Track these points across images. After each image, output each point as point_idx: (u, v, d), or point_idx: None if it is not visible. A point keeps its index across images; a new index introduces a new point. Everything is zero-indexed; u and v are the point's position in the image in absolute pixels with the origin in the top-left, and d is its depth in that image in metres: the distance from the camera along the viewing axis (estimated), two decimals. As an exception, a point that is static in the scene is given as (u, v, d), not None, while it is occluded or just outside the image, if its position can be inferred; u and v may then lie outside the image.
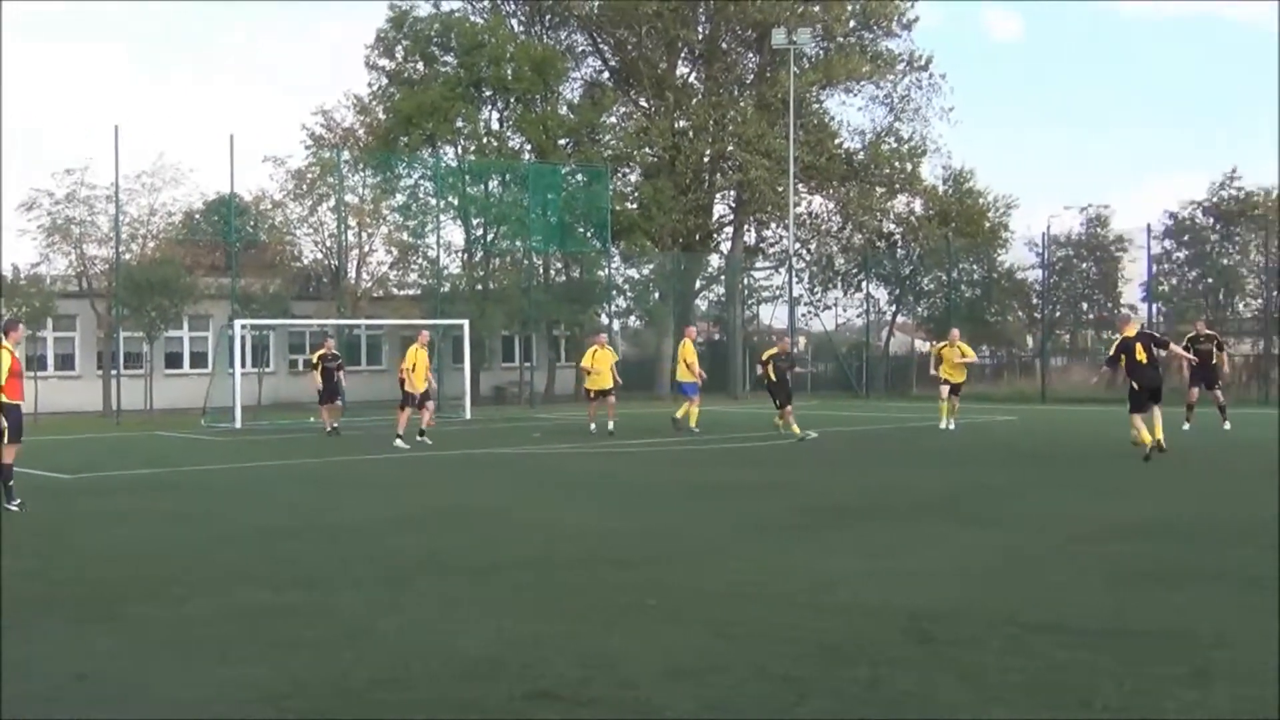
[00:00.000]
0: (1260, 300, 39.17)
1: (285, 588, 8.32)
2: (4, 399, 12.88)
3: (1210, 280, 40.23)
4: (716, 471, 17.06)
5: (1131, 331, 17.94)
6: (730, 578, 8.47)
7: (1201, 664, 5.93)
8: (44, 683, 6.00)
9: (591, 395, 24.71)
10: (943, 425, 24.38)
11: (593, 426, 24.24)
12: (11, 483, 12.87)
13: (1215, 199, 41.06)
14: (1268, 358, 35.85)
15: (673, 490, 14.59)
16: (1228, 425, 22.63)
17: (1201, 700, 5.39)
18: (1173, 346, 20.23)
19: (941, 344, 25.78)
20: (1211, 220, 40.83)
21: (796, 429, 22.05)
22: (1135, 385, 17.37)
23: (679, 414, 24.62)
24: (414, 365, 22.21)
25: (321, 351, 26.96)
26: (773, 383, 22.69)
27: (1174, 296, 40.73)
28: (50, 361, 38.56)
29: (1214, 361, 23.00)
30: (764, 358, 23.32)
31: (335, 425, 25.65)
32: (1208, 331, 23.75)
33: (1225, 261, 40.24)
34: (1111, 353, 18.44)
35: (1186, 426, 22.05)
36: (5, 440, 12.90)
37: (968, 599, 7.63)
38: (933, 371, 25.87)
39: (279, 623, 7.21)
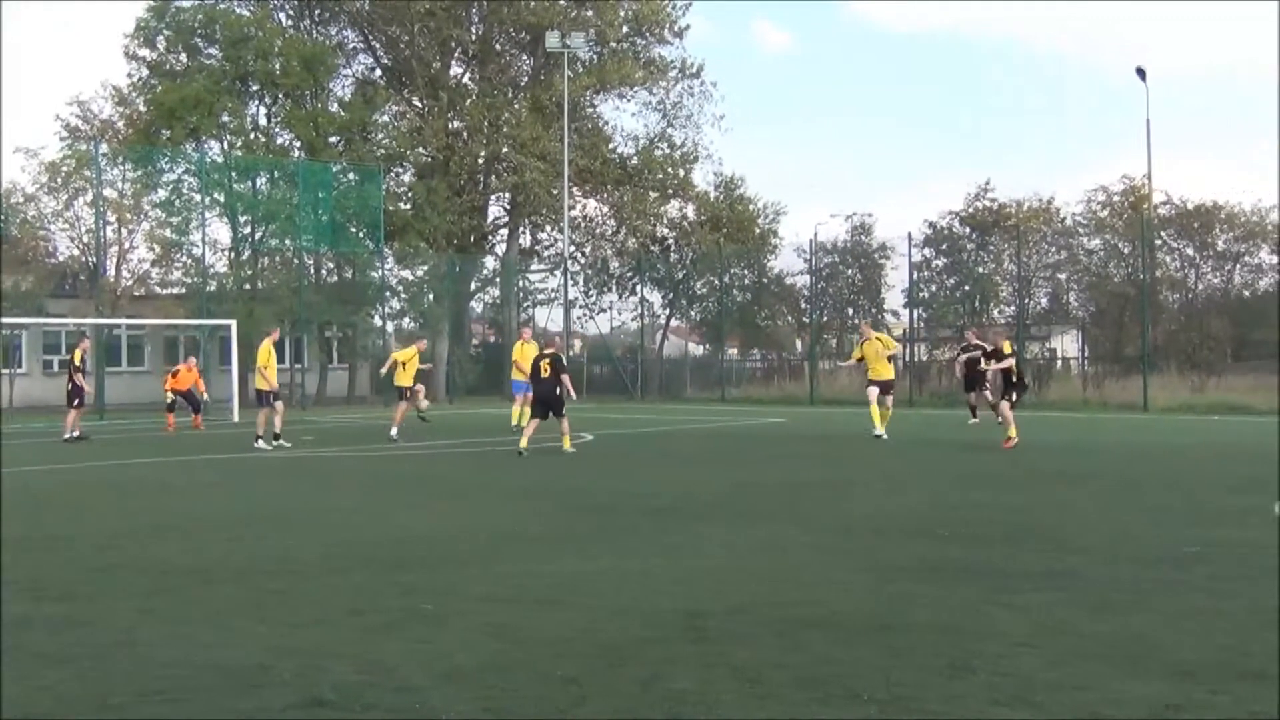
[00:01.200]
0: (1013, 307, 41.12)
1: (45, 600, 7.94)
2: None
3: (967, 287, 42.06)
4: (496, 473, 17.01)
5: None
6: (508, 580, 8.45)
7: (962, 657, 6.18)
8: None
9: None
10: (876, 432, 21.43)
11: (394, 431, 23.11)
12: None
13: (970, 209, 42.98)
14: (1020, 361, 37.54)
15: (445, 493, 14.48)
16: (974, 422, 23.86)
17: (962, 692, 5.62)
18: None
19: (862, 340, 22.70)
20: (968, 230, 42.69)
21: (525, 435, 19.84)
22: None
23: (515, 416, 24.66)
24: (267, 363, 21.86)
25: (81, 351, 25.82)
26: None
27: (933, 303, 42.41)
28: None
29: (980, 367, 24.13)
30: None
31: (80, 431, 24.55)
32: (977, 341, 25.04)
33: (980, 270, 42.11)
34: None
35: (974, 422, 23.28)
36: None
37: (741, 597, 7.78)
38: (846, 363, 23.31)
39: (37, 637, 6.87)
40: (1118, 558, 9.18)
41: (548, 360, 19.44)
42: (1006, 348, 20.69)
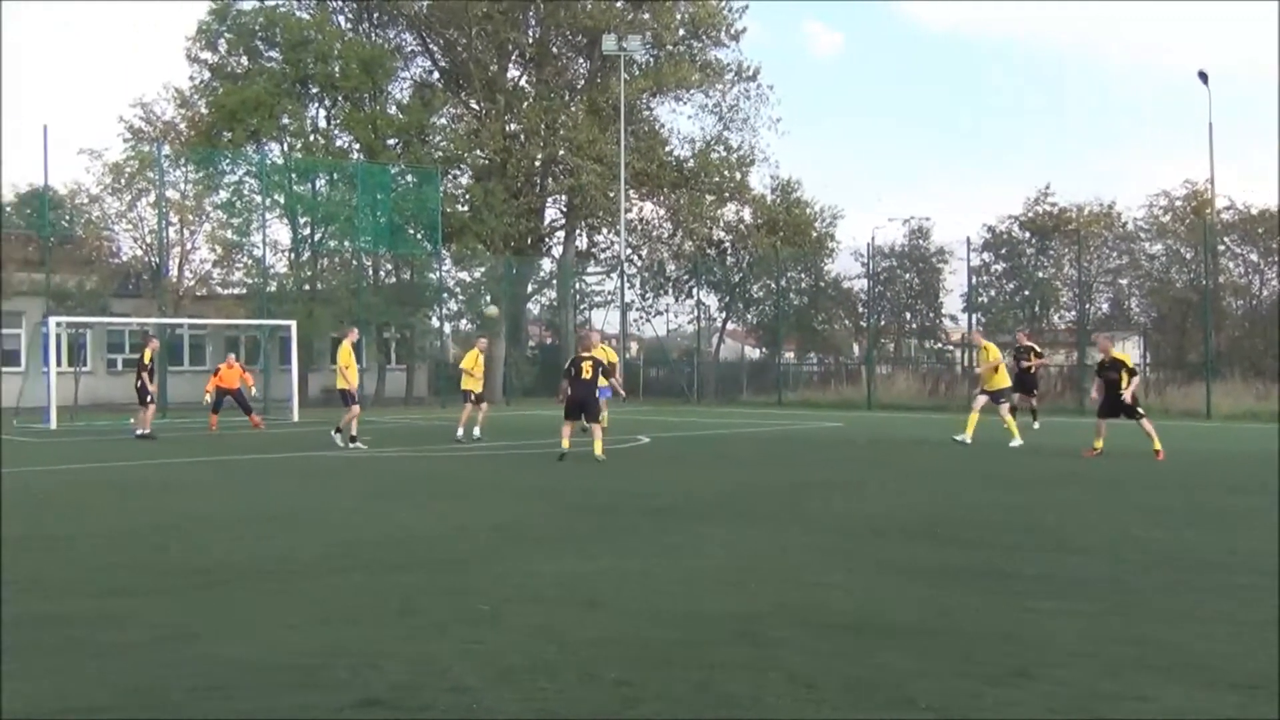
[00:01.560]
0: (1073, 312, 40.72)
1: (100, 596, 8.03)
2: None
3: (1027, 292, 41.71)
4: (545, 475, 17.02)
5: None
6: (555, 581, 8.45)
7: (1018, 664, 6.11)
8: None
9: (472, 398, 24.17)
10: (959, 437, 21.30)
11: (459, 432, 23.66)
12: None
13: (1030, 214, 42.61)
14: (1080, 368, 37.22)
15: (498, 493, 14.51)
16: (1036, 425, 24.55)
17: (1019, 699, 5.55)
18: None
19: (984, 347, 22.26)
20: (1027, 234, 42.33)
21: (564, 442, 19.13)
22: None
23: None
24: (348, 363, 21.84)
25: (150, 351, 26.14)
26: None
27: (992, 307, 42.09)
28: None
29: (1024, 365, 25.08)
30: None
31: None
32: (1027, 343, 25.84)
33: (1040, 275, 41.73)
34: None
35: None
36: None
37: (791, 600, 7.73)
38: (982, 368, 22.33)
39: (95, 632, 6.95)
40: (1174, 565, 9.05)
41: (589, 362, 19.10)
42: (1125, 360, 19.73)
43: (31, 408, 29.64)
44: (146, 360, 25.50)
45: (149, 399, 25.01)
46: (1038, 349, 26.47)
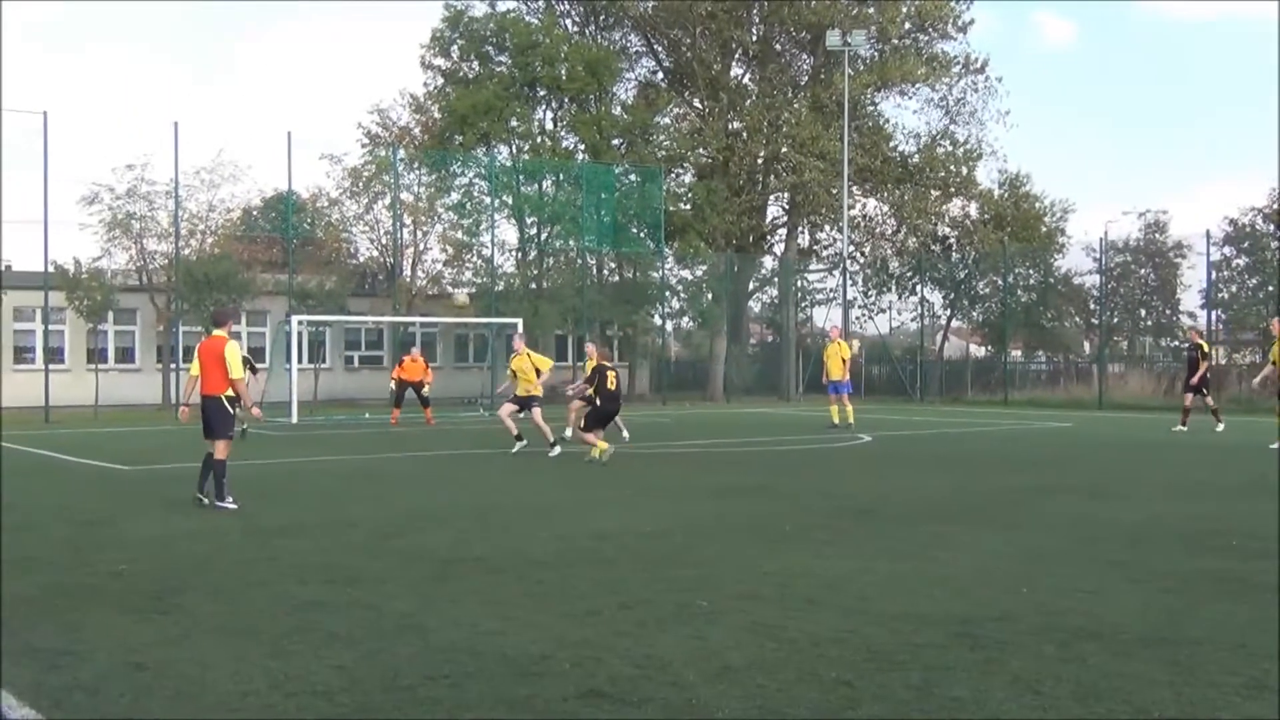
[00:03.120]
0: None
1: (337, 583, 8.39)
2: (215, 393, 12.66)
3: (1271, 287, 39.73)
4: (764, 473, 17.01)
5: None
6: (770, 579, 8.44)
7: (1258, 675, 5.85)
8: (96, 671, 6.07)
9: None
10: (1275, 445, 19.62)
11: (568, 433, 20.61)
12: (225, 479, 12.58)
13: (1275, 205, 40.53)
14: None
15: (716, 491, 14.54)
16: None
17: (1259, 713, 5.32)
18: None
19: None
20: (1272, 227, 40.30)
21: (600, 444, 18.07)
22: None
23: (835, 417, 25.24)
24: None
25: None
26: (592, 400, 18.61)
27: (1234, 304, 40.24)
28: (110, 354, 39.12)
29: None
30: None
31: None
32: (1198, 340, 25.33)
33: (1286, 268, 39.74)
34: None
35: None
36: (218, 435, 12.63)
37: (1009, 604, 7.57)
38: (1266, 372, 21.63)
39: (330, 618, 7.26)
40: None
41: (614, 372, 18.55)
42: None
43: (275, 402, 31.03)
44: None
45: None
46: (1205, 347, 25.54)
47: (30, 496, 14.19)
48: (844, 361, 25.58)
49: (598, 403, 18.30)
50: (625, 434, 21.27)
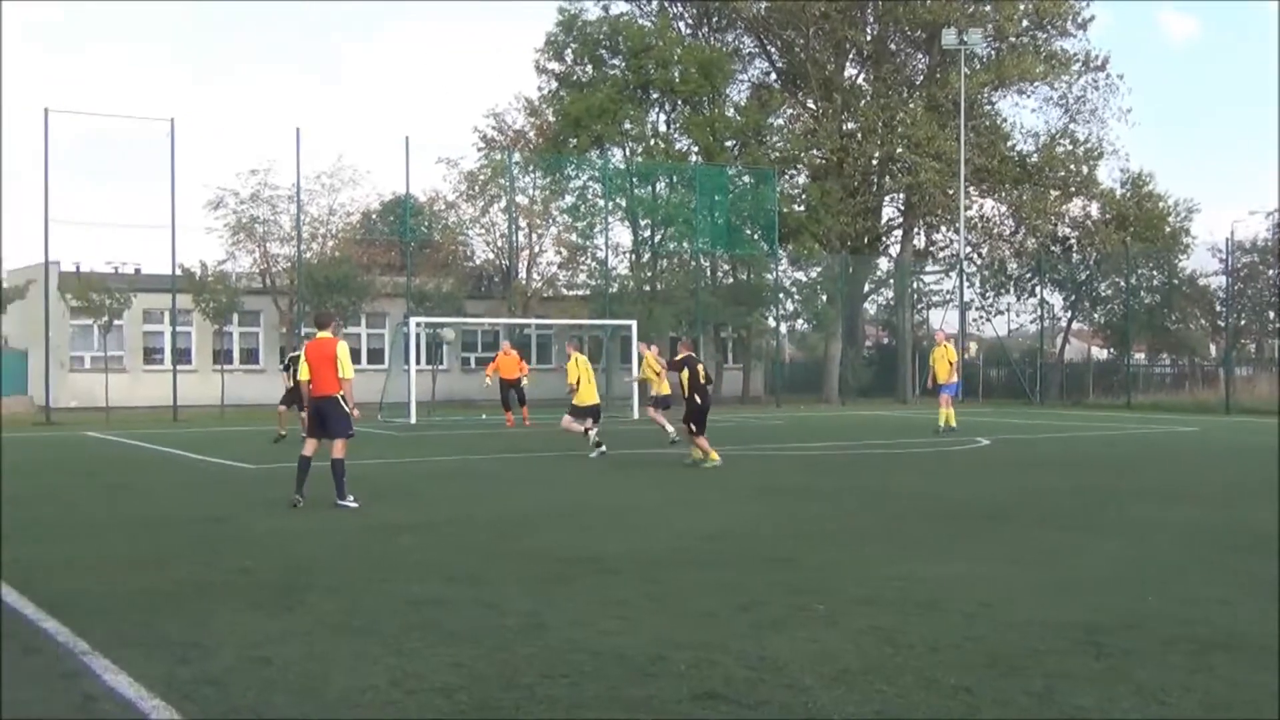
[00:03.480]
0: None
1: (456, 581, 8.50)
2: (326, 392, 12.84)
3: None
4: (881, 476, 16.86)
5: None
6: (888, 583, 8.37)
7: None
8: (223, 665, 6.22)
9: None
10: None
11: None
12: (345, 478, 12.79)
13: None
14: None
15: (832, 493, 14.46)
16: None
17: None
18: None
19: None
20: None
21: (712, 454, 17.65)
22: None
23: (941, 420, 25.06)
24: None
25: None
26: (690, 398, 17.77)
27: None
28: (235, 355, 39.99)
29: None
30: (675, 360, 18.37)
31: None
32: None
33: None
34: None
35: None
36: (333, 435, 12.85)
37: (1134, 612, 7.41)
38: None
39: (449, 616, 7.36)
40: None
41: (702, 365, 17.93)
42: None
43: (394, 403, 31.48)
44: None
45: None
46: None
47: (161, 493, 14.63)
48: (951, 364, 25.30)
49: (698, 401, 17.54)
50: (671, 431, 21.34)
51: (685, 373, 17.69)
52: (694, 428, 17.58)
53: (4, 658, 6.41)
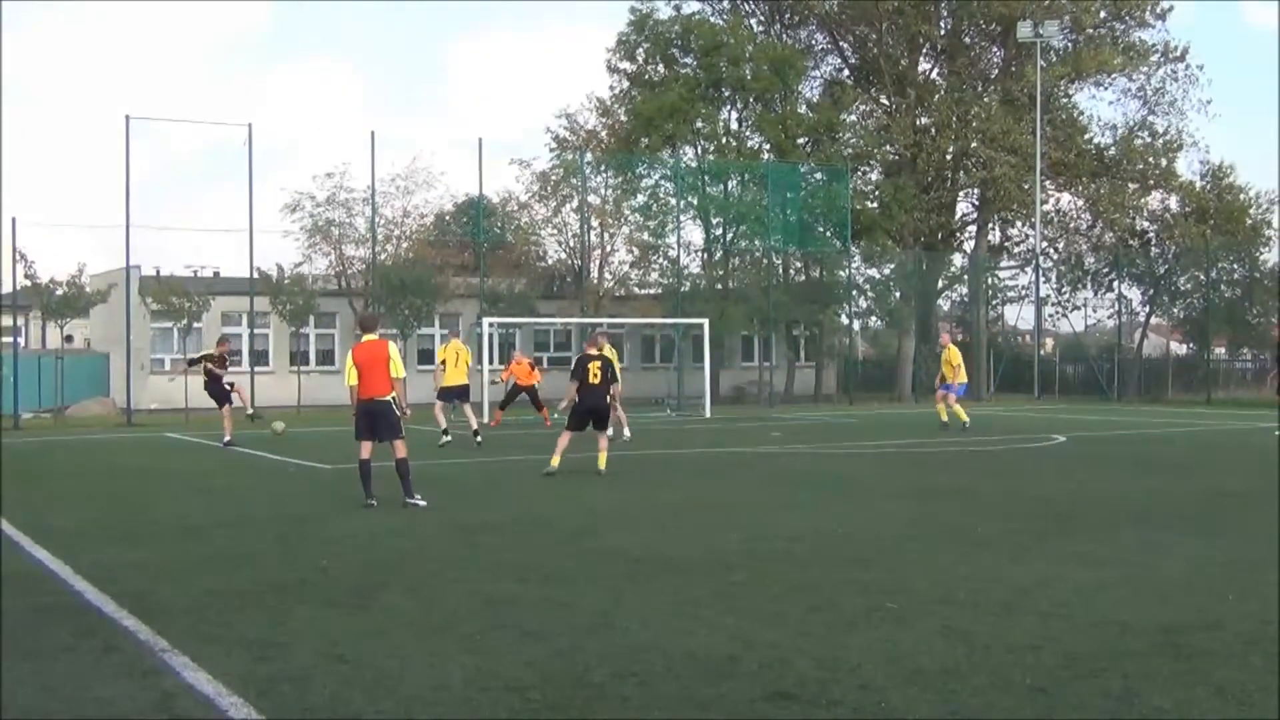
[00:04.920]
0: None
1: (530, 581, 8.55)
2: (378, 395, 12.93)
3: None
4: (954, 475, 16.72)
5: None
6: (963, 583, 8.30)
7: None
8: (301, 663, 6.30)
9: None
10: None
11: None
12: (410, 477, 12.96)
13: None
14: None
15: (906, 493, 14.34)
16: None
17: None
18: None
19: None
20: None
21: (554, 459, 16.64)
22: None
23: (945, 416, 24.90)
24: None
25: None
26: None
27: None
28: (312, 356, 40.43)
29: None
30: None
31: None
32: None
33: None
34: None
35: None
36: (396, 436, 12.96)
37: (1215, 613, 7.29)
38: None
39: (523, 615, 7.40)
40: None
41: (597, 364, 16.44)
42: None
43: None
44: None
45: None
46: None
47: (242, 493, 14.86)
48: (954, 366, 25.11)
49: (576, 398, 16.55)
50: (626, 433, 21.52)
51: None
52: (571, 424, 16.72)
53: (86, 656, 6.53)
